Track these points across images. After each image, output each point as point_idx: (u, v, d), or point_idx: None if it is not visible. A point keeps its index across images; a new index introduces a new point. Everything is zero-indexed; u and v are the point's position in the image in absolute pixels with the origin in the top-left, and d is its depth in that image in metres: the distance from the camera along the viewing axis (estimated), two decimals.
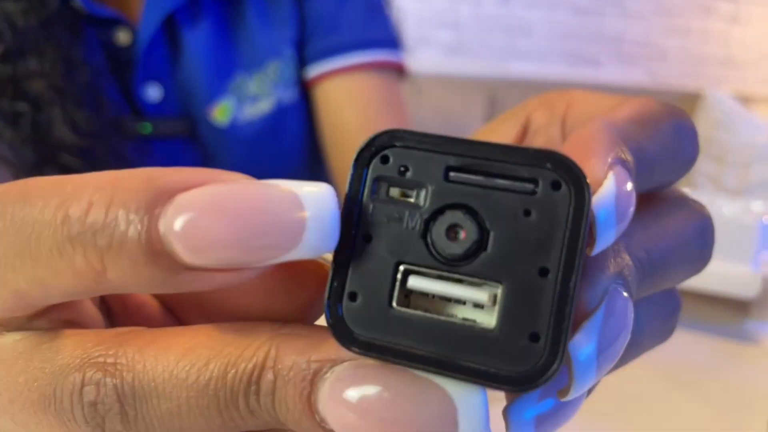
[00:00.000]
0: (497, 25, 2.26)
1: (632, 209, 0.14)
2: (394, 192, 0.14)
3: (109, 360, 0.12)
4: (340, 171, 0.54)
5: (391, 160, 0.14)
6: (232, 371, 0.12)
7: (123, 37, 0.50)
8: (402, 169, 0.14)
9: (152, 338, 0.12)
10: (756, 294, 0.40)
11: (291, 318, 0.13)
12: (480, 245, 0.13)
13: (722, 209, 0.43)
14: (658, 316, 0.17)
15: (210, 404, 0.12)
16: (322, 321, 0.13)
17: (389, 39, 0.55)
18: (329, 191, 0.12)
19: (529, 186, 0.13)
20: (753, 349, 0.39)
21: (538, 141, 0.21)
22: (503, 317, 0.13)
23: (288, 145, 0.56)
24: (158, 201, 0.11)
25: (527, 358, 0.13)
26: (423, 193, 0.13)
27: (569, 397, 0.14)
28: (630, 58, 2.20)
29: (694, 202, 0.18)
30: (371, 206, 0.14)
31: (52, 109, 0.44)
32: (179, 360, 0.12)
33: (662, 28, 2.29)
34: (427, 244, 0.13)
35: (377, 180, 0.14)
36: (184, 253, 0.11)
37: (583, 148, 0.14)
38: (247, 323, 0.13)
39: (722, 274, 0.41)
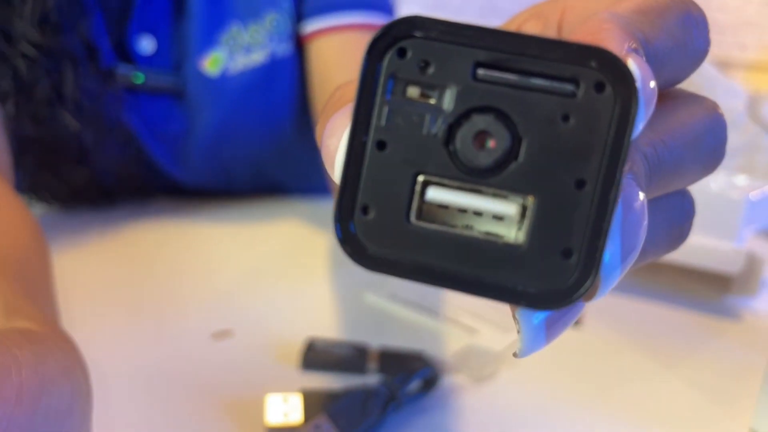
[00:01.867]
0: None
1: (655, 100, 0.13)
2: (413, 91, 0.12)
3: None
4: None
5: (409, 53, 0.12)
6: None
7: None
8: (422, 64, 0.12)
9: None
10: (739, 269, 0.40)
11: None
12: (510, 154, 0.12)
13: (709, 183, 0.43)
14: (668, 219, 0.16)
15: None
16: None
17: (387, 6, 0.55)
18: None
19: (568, 87, 0.12)
20: (735, 325, 0.40)
21: None
22: (533, 232, 0.12)
23: (278, 99, 0.54)
24: None
25: (558, 276, 0.12)
26: (447, 94, 0.12)
27: (593, 300, 0.13)
28: None
29: (705, 98, 0.17)
30: (386, 108, 0.12)
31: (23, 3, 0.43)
32: None
33: None
34: (450, 153, 0.12)
35: (393, 77, 0.12)
36: None
37: (592, 39, 0.13)
38: None
39: (706, 248, 0.41)
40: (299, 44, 0.54)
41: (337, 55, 0.52)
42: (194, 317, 0.35)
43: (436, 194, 0.12)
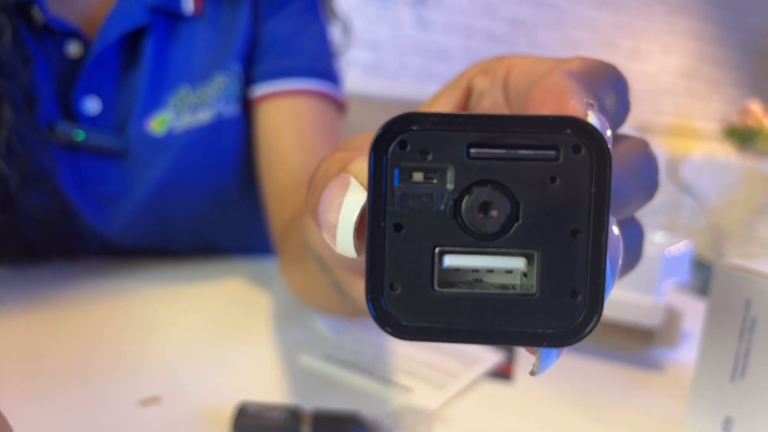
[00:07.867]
0: (415, 48, 2.30)
1: (611, 145, 0.15)
2: (417, 176, 0.13)
3: None
4: (271, 187, 0.53)
5: (409, 145, 0.13)
6: None
7: (74, 49, 0.49)
8: (422, 152, 0.13)
9: None
10: (660, 322, 0.42)
11: None
12: (511, 217, 0.13)
13: None
14: (627, 242, 0.18)
15: None
16: None
17: (333, 74, 0.56)
18: None
19: (551, 153, 0.13)
20: (658, 376, 0.41)
21: (484, 104, 0.22)
22: (543, 281, 0.13)
23: (222, 158, 0.55)
24: None
25: (570, 315, 0.13)
26: (447, 174, 0.13)
27: None
28: None
29: (635, 137, 0.20)
30: (397, 195, 0.13)
31: None
32: None
33: None
34: (459, 224, 0.13)
35: (399, 167, 0.13)
36: None
37: (557, 93, 0.15)
38: None
39: (628, 303, 0.43)
40: (247, 107, 0.55)
41: (287, 116, 0.53)
42: (122, 383, 0.34)
43: (452, 261, 0.13)
